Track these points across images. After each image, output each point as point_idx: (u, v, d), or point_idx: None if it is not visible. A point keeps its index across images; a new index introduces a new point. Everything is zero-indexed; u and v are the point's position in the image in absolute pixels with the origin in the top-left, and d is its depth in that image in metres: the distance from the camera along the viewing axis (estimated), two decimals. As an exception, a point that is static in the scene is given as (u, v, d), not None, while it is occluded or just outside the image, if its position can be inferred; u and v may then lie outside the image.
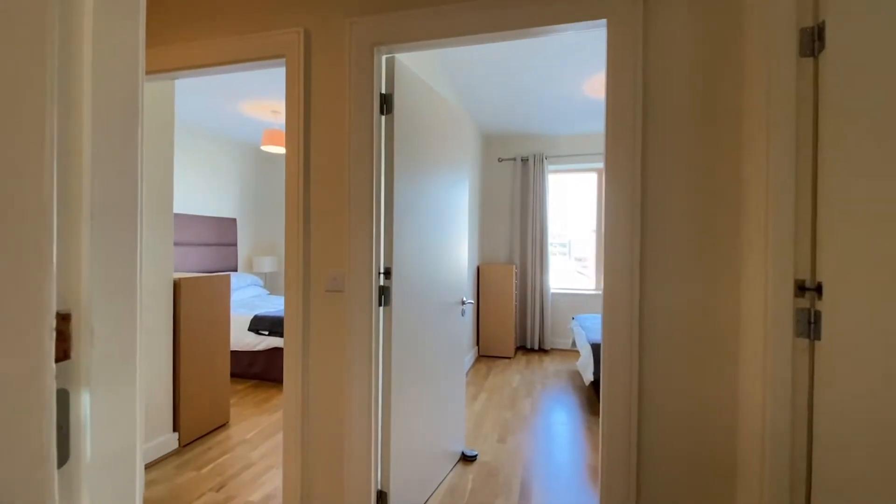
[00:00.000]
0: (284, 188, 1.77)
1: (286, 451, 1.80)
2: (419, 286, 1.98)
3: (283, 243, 4.48)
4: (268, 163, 6.18)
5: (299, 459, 1.79)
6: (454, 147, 2.32)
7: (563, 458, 2.52)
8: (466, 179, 2.49)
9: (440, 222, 2.18)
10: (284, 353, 1.77)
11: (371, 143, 1.69)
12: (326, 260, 1.76)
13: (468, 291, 4.40)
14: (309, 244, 1.78)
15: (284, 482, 1.81)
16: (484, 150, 5.48)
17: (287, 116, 1.77)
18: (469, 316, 4.56)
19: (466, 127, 2.46)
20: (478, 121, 4.78)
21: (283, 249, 4.40)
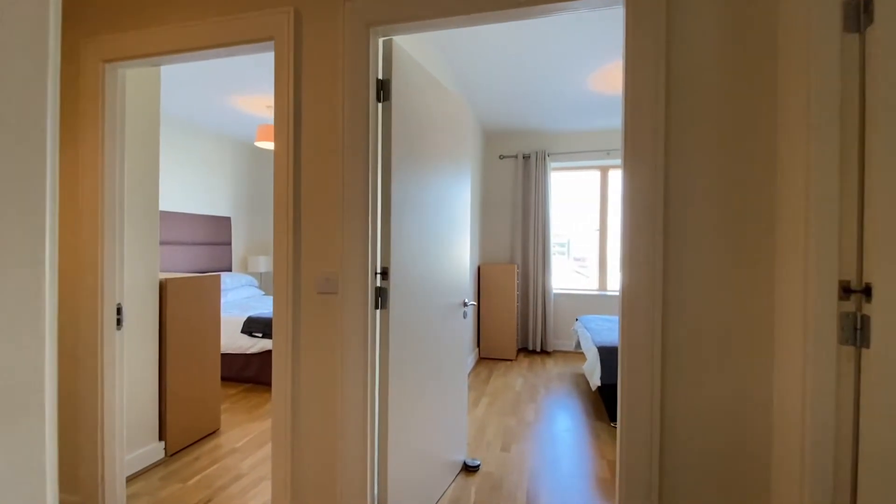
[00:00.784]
0: (273, 183, 1.64)
1: (276, 467, 1.67)
2: (418, 287, 1.85)
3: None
4: (263, 160, 6.04)
5: (290, 474, 1.66)
6: (455, 139, 2.19)
7: (571, 468, 2.39)
8: (468, 174, 2.36)
9: (440, 219, 2.05)
10: (273, 360, 1.64)
11: (367, 133, 1.56)
12: (318, 259, 1.63)
13: (470, 292, 4.27)
14: (300, 243, 1.65)
15: (273, 499, 1.68)
16: (485, 147, 5.35)
17: (276, 104, 1.64)
18: (470, 317, 4.43)
19: (468, 119, 2.33)
20: (478, 116, 4.65)
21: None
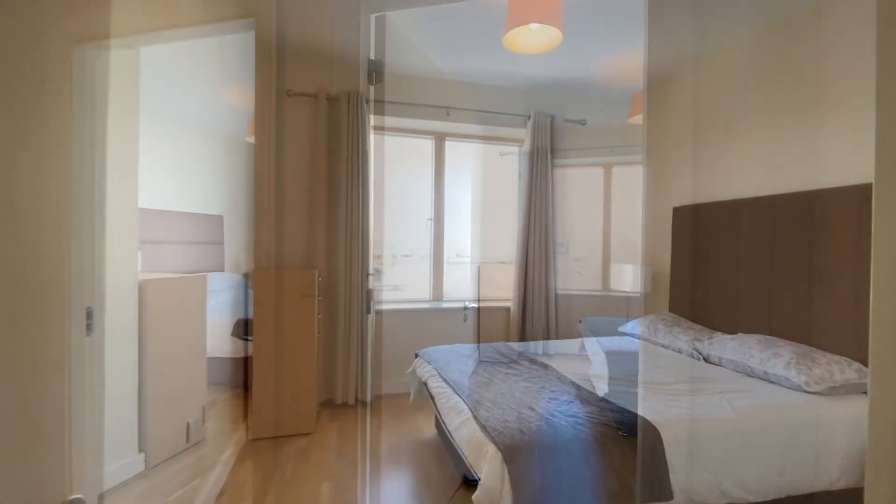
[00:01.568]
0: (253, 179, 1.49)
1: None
2: (416, 288, 1.71)
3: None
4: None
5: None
6: (454, 129, 2.04)
7: (580, 480, 2.24)
8: (468, 167, 2.21)
9: (440, 216, 1.90)
10: (252, 368, 1.50)
11: (357, 119, 1.41)
12: (304, 260, 1.48)
13: (470, 293, 4.14)
14: (283, 242, 1.50)
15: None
16: (484, 143, 5.20)
17: (257, 90, 1.49)
18: (470, 318, 4.29)
19: (467, 108, 2.18)
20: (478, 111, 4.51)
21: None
